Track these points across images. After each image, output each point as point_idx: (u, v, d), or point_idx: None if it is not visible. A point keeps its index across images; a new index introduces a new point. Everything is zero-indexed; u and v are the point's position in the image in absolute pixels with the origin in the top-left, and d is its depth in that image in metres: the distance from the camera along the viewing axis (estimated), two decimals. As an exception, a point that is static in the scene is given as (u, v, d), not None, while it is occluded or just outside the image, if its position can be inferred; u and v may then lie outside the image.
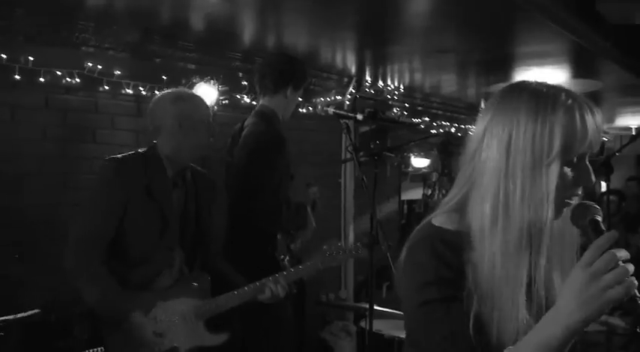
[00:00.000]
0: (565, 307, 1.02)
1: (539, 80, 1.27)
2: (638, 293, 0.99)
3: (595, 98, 6.56)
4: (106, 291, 2.25)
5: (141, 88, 3.74)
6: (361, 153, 3.38)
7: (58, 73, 3.39)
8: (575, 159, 1.18)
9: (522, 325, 1.15)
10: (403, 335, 3.48)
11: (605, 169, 3.79)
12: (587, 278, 1.00)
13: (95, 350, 2.59)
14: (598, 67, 4.88)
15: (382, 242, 2.82)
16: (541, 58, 4.47)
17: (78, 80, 3.46)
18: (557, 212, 1.19)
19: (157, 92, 3.76)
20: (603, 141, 8.98)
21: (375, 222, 2.82)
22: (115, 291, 2.25)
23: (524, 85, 1.25)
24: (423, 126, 6.19)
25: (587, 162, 1.21)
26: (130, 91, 3.70)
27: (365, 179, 2.82)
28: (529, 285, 1.19)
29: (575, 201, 1.21)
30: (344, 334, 4.88)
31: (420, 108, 5.94)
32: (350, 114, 2.81)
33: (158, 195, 2.35)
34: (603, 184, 7.28)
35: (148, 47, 3.77)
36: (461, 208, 1.26)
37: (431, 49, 4.32)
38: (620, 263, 1.00)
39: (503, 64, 4.75)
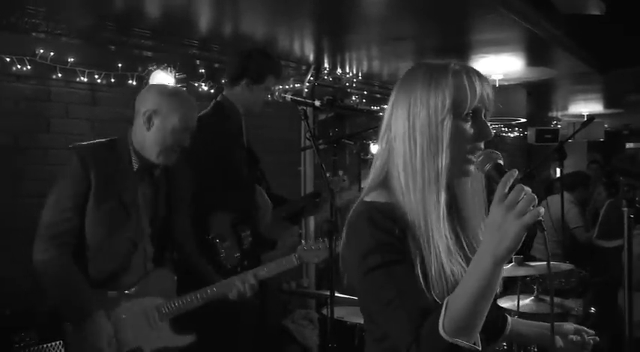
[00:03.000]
0: (490, 241, 1.14)
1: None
2: (542, 217, 1.12)
3: (550, 86, 6.72)
4: (72, 289, 2.19)
5: (96, 76, 3.67)
6: (320, 141, 3.39)
7: (8, 59, 3.29)
8: (470, 114, 1.34)
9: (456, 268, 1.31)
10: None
11: (558, 155, 3.90)
12: (503, 211, 1.13)
13: (53, 344, 2.55)
14: (551, 56, 5.00)
15: (342, 229, 2.83)
16: (497, 45, 4.55)
17: (29, 67, 3.37)
18: (463, 167, 1.36)
19: (112, 80, 3.73)
20: (557, 128, 9.20)
21: (335, 209, 2.83)
22: (81, 290, 2.19)
23: (420, 63, 1.42)
24: (381, 114, 6.22)
25: (484, 118, 1.37)
26: (84, 79, 3.63)
27: (324, 166, 2.82)
28: (457, 236, 1.39)
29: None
30: (306, 322, 4.89)
31: (378, 95, 5.97)
32: (307, 101, 2.80)
33: (121, 188, 2.28)
34: (558, 170, 7.49)
35: (103, 34, 3.70)
36: (385, 183, 1.40)
37: (388, 37, 4.34)
38: (527, 192, 1.13)
39: (460, 52, 4.81)
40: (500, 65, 5.37)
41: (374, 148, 6.59)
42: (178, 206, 2.49)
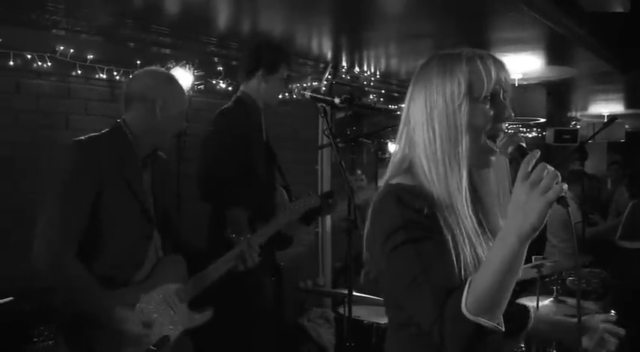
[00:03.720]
0: (514, 219, 1.15)
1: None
2: (565, 193, 1.13)
3: (570, 85, 6.64)
4: (85, 290, 2.08)
5: (115, 73, 3.68)
6: (338, 139, 3.37)
7: (29, 56, 3.31)
8: (487, 97, 1.36)
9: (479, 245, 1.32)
10: (382, 322, 3.50)
11: (579, 154, 3.85)
12: (527, 188, 1.14)
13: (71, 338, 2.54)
14: (572, 54, 4.93)
15: (360, 227, 2.81)
16: (517, 44, 4.50)
17: (49, 64, 3.38)
18: (485, 151, 1.37)
19: (131, 77, 3.73)
20: (576, 129, 9.09)
21: (353, 206, 2.81)
22: (95, 289, 2.09)
23: (434, 55, 1.44)
24: (399, 113, 6.18)
25: (503, 100, 1.39)
26: (103, 76, 3.64)
27: (343, 164, 2.81)
28: (480, 224, 1.39)
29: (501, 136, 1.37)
30: (322, 321, 4.88)
31: (396, 94, 5.94)
32: (327, 98, 2.79)
33: (131, 179, 2.20)
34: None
35: (122, 31, 3.71)
36: (410, 169, 1.42)
37: (406, 35, 4.31)
38: (549, 169, 1.14)
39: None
40: (519, 64, 5.31)
41: (391, 147, 6.56)
42: (166, 188, 2.48)
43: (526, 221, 1.13)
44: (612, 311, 3.79)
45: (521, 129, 9.15)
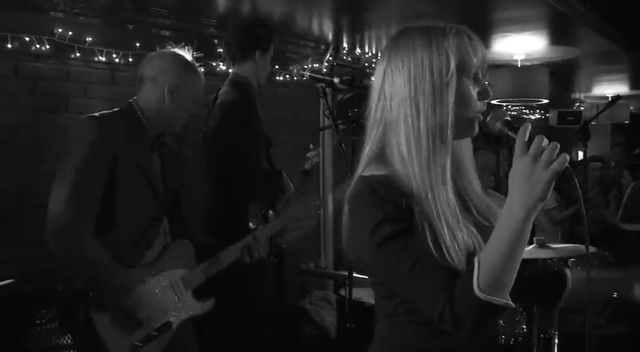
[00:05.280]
0: (519, 193, 1.13)
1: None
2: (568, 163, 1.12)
3: (573, 66, 6.59)
4: (108, 271, 2.06)
5: (114, 55, 3.66)
6: (339, 121, 3.35)
7: (27, 39, 3.29)
8: (472, 75, 1.32)
9: (465, 232, 1.28)
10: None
11: (582, 135, 3.82)
12: (529, 162, 1.12)
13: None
14: (576, 34, 4.89)
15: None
16: (519, 23, 4.46)
17: (48, 47, 3.36)
18: (468, 128, 1.34)
19: (130, 59, 3.71)
20: (579, 111, 9.05)
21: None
22: (111, 266, 2.07)
23: (413, 27, 1.36)
24: (374, 86, 6.13)
25: (481, 78, 1.35)
26: (102, 58, 3.62)
27: (343, 146, 2.79)
28: (464, 201, 1.38)
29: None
30: (324, 303, 4.89)
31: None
32: (326, 78, 2.78)
33: (142, 160, 2.19)
34: (580, 153, 7.38)
35: (120, 13, 3.68)
36: (381, 153, 1.35)
37: (408, 15, 4.26)
38: (546, 141, 1.13)
39: (481, 31, 4.68)
40: (522, 44, 5.26)
41: (369, 121, 6.52)
42: (175, 172, 2.42)
43: (533, 193, 1.12)
44: (614, 294, 3.81)
45: (524, 110, 9.11)
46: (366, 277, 3.26)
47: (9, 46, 3.23)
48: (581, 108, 9.64)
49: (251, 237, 2.48)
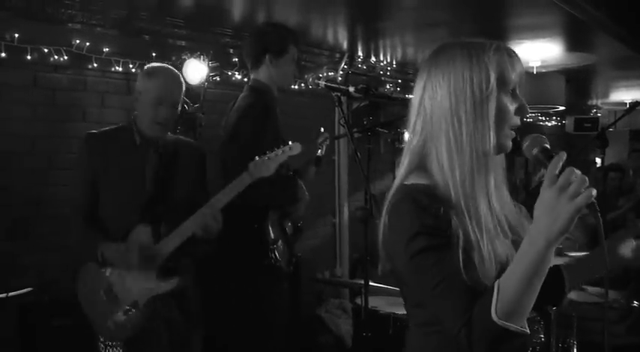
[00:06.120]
0: (542, 224, 1.14)
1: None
2: (595, 199, 1.11)
3: (589, 72, 6.54)
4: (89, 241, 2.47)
5: (130, 65, 3.69)
6: (354, 130, 3.35)
7: (45, 50, 3.33)
8: (510, 91, 1.34)
9: (500, 249, 1.30)
10: (399, 312, 3.47)
11: (600, 142, 3.76)
12: (555, 194, 1.12)
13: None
14: (592, 39, 4.86)
15: (377, 217, 2.79)
16: (534, 30, 4.44)
17: (66, 57, 3.40)
18: (506, 142, 1.35)
19: (146, 69, 3.75)
20: (597, 117, 8.96)
21: (370, 195, 2.79)
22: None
23: (452, 42, 1.39)
24: (415, 99, 6.12)
25: (519, 94, 1.37)
26: (119, 69, 3.65)
27: (359, 154, 2.79)
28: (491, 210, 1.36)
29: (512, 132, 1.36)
30: (340, 312, 4.88)
31: (412, 83, 5.87)
32: (341, 87, 2.76)
33: (126, 165, 2.49)
34: (598, 160, 7.30)
35: (136, 23, 3.71)
36: (422, 164, 1.37)
37: (423, 23, 4.27)
38: (577, 174, 1.12)
39: (496, 38, 4.66)
40: (537, 51, 5.24)
41: (408, 133, 6.51)
42: (182, 183, 2.57)
43: (555, 225, 1.12)
44: (635, 302, 3.75)
45: (539, 117, 9.05)
46: (383, 285, 3.25)
47: (28, 57, 3.27)
48: (599, 114, 9.56)
49: (200, 211, 2.46)
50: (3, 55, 3.17)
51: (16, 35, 3.20)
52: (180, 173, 2.58)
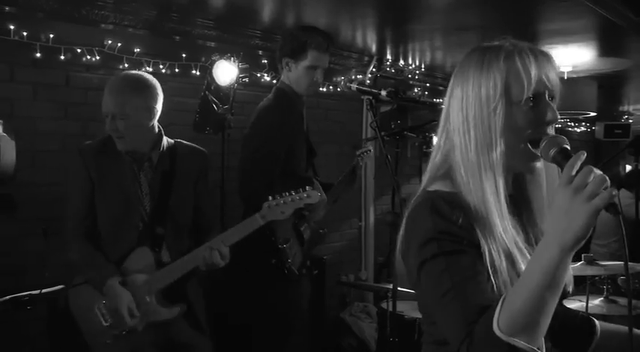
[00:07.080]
0: (556, 228, 1.04)
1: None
2: (618, 201, 1.03)
3: (622, 78, 6.42)
4: (96, 267, 2.43)
5: (160, 66, 3.72)
6: (383, 133, 3.33)
7: (78, 50, 3.38)
8: (530, 98, 1.26)
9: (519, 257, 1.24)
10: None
11: (634, 149, 3.70)
12: (570, 193, 1.02)
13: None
14: (627, 44, 4.76)
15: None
16: (567, 35, 4.37)
17: (98, 58, 3.45)
18: (522, 162, 1.29)
19: (176, 70, 3.78)
20: (628, 123, 8.80)
21: (399, 199, 2.77)
22: (102, 264, 2.43)
23: (476, 47, 1.36)
24: (444, 107, 6.09)
25: (549, 101, 1.28)
26: (149, 69, 3.68)
27: (389, 157, 2.78)
28: (526, 233, 1.33)
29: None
30: (364, 315, 4.86)
31: (441, 88, 5.85)
32: (373, 91, 2.75)
33: (120, 178, 2.47)
34: (628, 166, 7.17)
35: (167, 24, 3.74)
36: (448, 174, 1.34)
37: (452, 27, 4.24)
38: (595, 173, 1.03)
39: (528, 42, 4.64)
40: (569, 56, 5.15)
41: (436, 141, 6.46)
42: (179, 188, 2.54)
43: (569, 230, 1.02)
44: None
45: (569, 123, 8.92)
46: (408, 290, 3.23)
47: (62, 57, 3.32)
48: (630, 120, 9.38)
49: (212, 242, 2.42)
50: (38, 55, 3.22)
51: (51, 36, 3.25)
52: (180, 186, 2.53)
